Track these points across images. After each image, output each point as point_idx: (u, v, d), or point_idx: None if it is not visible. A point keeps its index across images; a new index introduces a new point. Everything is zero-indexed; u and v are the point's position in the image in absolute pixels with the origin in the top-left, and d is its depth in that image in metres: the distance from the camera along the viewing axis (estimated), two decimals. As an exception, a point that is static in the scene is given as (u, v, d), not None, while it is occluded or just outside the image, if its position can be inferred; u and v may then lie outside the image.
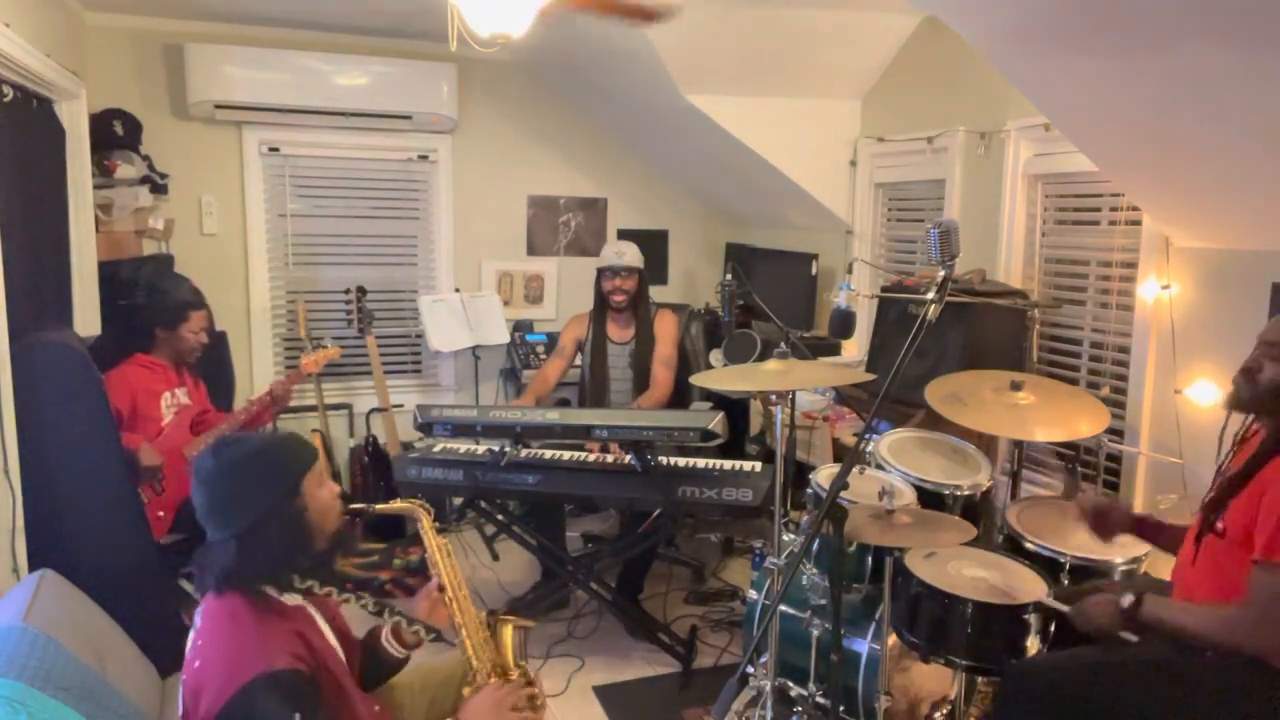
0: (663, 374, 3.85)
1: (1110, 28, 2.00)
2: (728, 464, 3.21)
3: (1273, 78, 1.89)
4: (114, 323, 3.67)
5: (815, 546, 2.66)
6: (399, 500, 2.05)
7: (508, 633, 1.98)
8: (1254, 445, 1.94)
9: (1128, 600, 1.91)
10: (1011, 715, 2.05)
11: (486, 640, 1.96)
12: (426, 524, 1.99)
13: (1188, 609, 1.88)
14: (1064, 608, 2.07)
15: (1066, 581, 2.38)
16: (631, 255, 3.86)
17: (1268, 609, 1.74)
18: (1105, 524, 2.26)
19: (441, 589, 1.97)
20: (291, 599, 1.73)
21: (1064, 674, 1.98)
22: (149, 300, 3.52)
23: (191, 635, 1.67)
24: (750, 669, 2.58)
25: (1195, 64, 1.97)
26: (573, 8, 2.43)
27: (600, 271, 3.91)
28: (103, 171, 3.84)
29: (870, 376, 3.10)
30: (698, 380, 2.68)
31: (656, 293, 4.24)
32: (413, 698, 2.05)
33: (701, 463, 3.23)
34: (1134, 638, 1.92)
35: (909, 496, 2.66)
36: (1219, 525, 1.90)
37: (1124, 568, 2.36)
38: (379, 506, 2.07)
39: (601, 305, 3.95)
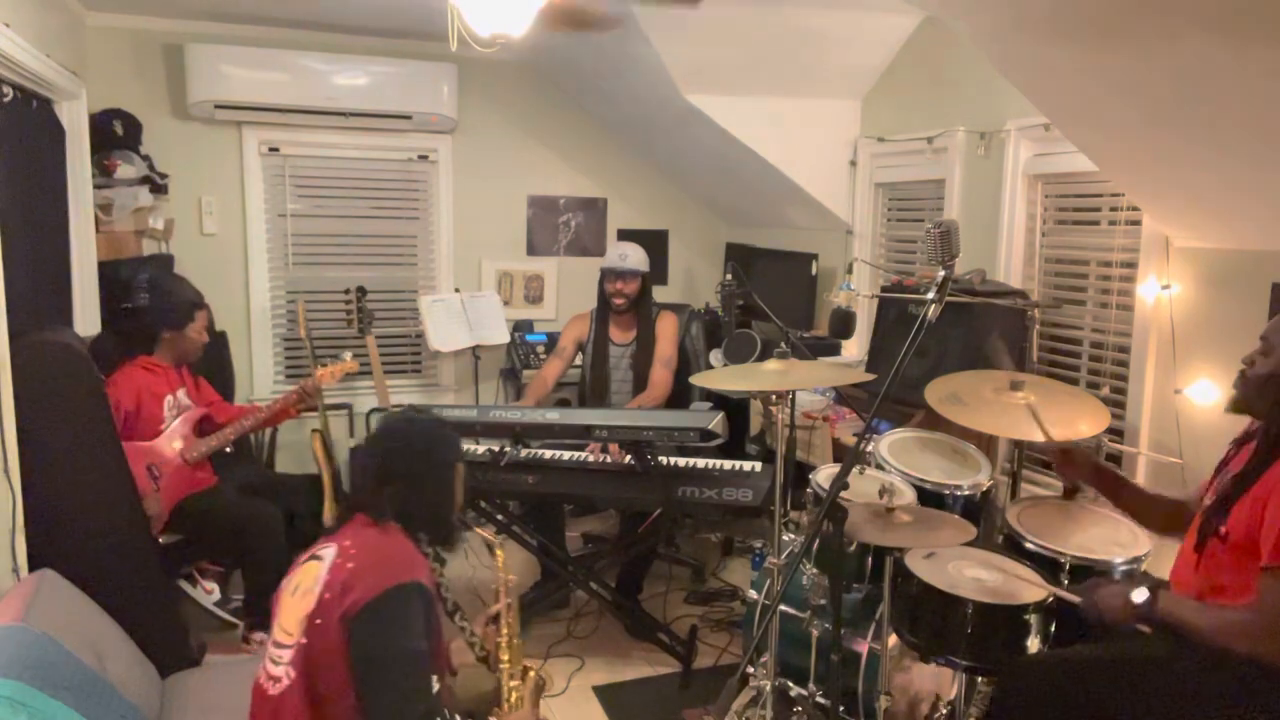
0: (661, 374, 3.84)
1: (1109, 28, 2.01)
2: (728, 464, 3.21)
3: (1272, 78, 1.89)
4: (118, 325, 3.67)
5: (815, 546, 2.65)
6: (486, 530, 2.26)
7: (531, 678, 2.14)
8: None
9: (1142, 596, 1.90)
10: (1010, 712, 2.05)
11: (521, 675, 2.12)
12: (500, 559, 2.17)
13: (1201, 610, 1.88)
14: (1075, 599, 2.06)
15: (1066, 582, 2.37)
16: (635, 258, 3.84)
17: (1275, 615, 1.74)
18: (1069, 467, 2.36)
19: (496, 619, 2.11)
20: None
21: (1061, 671, 1.98)
22: (154, 303, 3.51)
23: (334, 547, 1.84)
24: (750, 669, 2.58)
25: (1195, 64, 1.97)
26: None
27: (603, 273, 3.90)
28: (103, 171, 3.84)
29: (870, 376, 3.10)
30: (698, 380, 2.67)
31: (656, 292, 4.24)
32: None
33: (701, 463, 3.23)
34: (1147, 629, 1.92)
35: (909, 497, 2.66)
36: (1222, 530, 1.90)
37: (1124, 567, 2.35)
38: (475, 526, 2.34)
39: (604, 306, 3.94)
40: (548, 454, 3.34)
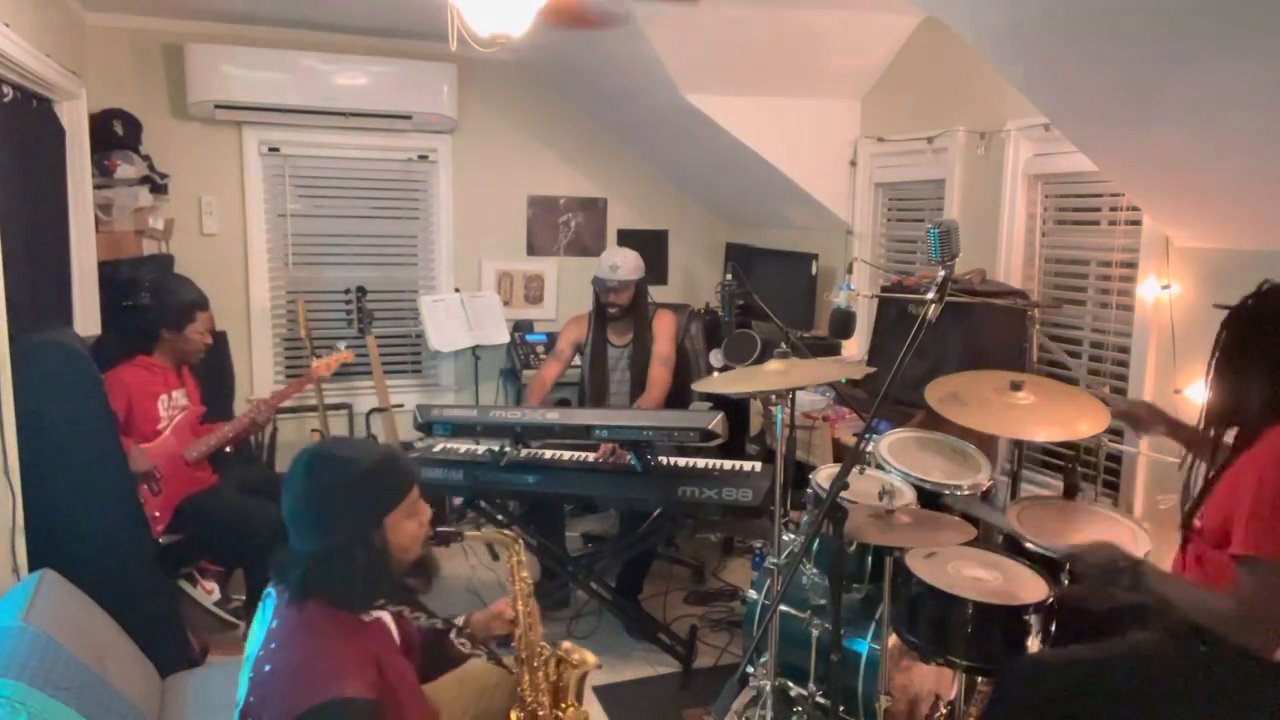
0: (660, 373, 3.82)
1: (1109, 28, 2.01)
2: (728, 464, 3.21)
3: (1272, 78, 1.89)
4: (118, 324, 3.66)
5: (815, 546, 2.66)
6: (491, 528, 2.05)
7: (574, 676, 2.02)
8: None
9: (1129, 559, 1.91)
10: (1007, 711, 2.05)
11: (547, 677, 1.99)
12: (515, 558, 2.01)
13: (1183, 587, 1.89)
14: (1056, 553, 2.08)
15: (1066, 582, 2.38)
16: (626, 269, 3.75)
17: (1255, 605, 1.75)
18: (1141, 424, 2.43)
19: (514, 621, 1.98)
20: (369, 615, 1.73)
21: (1059, 669, 1.99)
22: (155, 301, 3.51)
23: (264, 631, 1.64)
24: (750, 669, 2.58)
25: (1195, 64, 1.97)
26: None
27: (595, 282, 3.88)
28: (103, 171, 3.84)
29: (870, 370, 3.10)
30: (699, 387, 2.66)
31: (656, 293, 4.23)
32: (454, 699, 2.05)
33: (701, 463, 3.23)
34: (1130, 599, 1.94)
35: (909, 496, 2.66)
36: (1196, 524, 1.92)
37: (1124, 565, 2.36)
38: (469, 533, 2.06)
39: (600, 308, 3.93)
40: (548, 454, 3.34)
